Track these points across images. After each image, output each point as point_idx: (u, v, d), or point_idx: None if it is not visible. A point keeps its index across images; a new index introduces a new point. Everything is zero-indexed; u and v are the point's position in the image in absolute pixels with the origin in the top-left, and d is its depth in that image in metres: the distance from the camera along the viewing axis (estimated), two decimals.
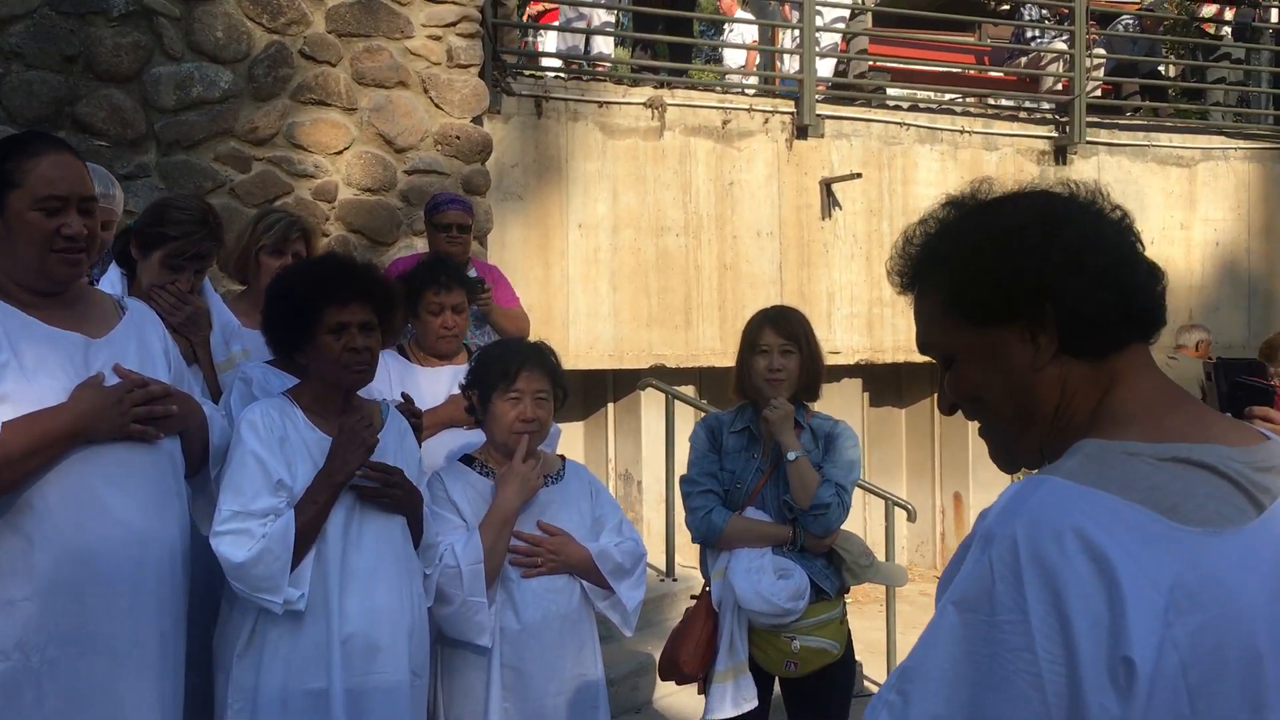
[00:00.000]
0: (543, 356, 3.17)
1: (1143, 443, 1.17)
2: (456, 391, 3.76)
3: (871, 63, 8.99)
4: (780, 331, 3.46)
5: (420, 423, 3.48)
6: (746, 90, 8.34)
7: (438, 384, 3.80)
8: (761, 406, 3.46)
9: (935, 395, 9.89)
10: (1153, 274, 1.28)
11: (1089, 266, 1.23)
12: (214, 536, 2.65)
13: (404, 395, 3.43)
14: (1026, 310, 1.24)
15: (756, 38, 9.43)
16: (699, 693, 3.54)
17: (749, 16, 9.62)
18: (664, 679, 3.70)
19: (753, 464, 3.48)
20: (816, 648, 3.40)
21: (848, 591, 3.58)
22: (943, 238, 1.32)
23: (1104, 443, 1.18)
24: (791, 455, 3.38)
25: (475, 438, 3.45)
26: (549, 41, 9.27)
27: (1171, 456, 1.15)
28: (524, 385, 3.09)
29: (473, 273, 4.68)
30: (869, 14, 8.95)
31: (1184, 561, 1.10)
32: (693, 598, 3.62)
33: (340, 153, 5.76)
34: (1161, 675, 1.07)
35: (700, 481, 3.48)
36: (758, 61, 9.48)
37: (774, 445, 3.45)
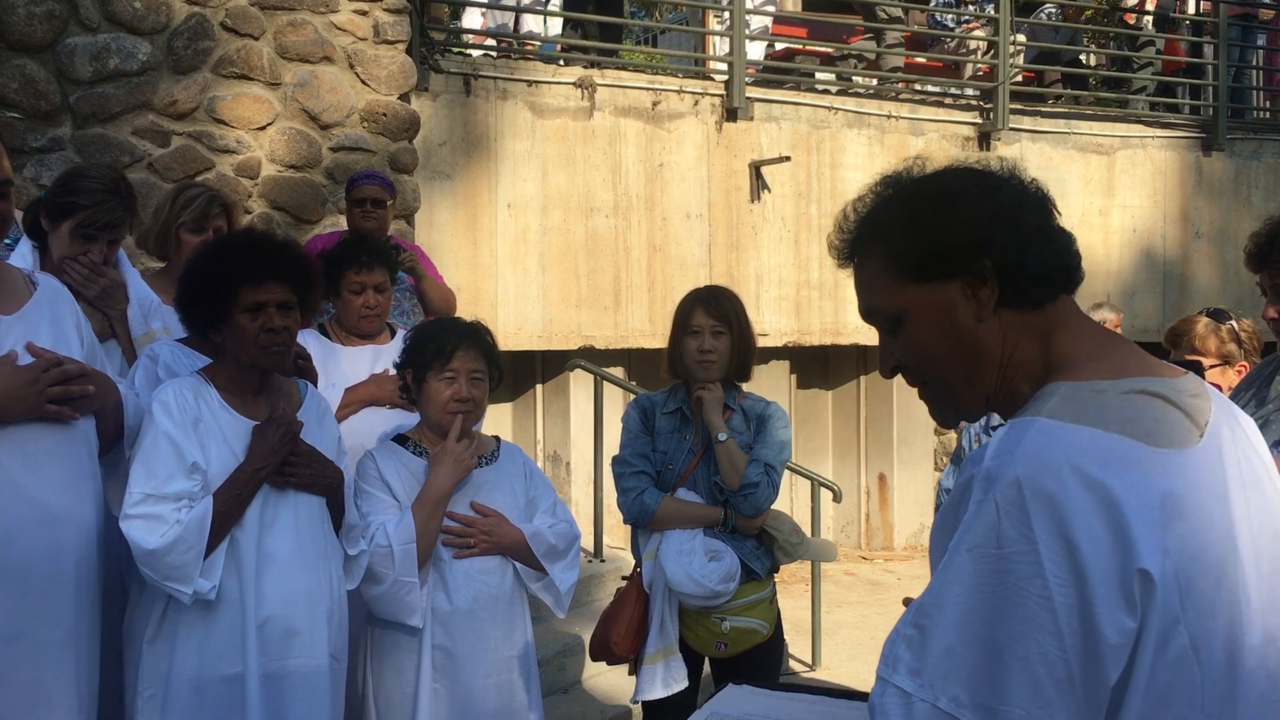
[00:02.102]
0: (478, 336, 3.15)
1: (1104, 380, 1.28)
2: (378, 370, 3.72)
3: (802, 46, 9.02)
4: (711, 312, 3.46)
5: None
6: (678, 72, 8.31)
7: (359, 363, 3.76)
8: (693, 388, 3.47)
9: (861, 378, 9.93)
10: (1068, 235, 1.39)
11: (1023, 223, 1.34)
12: (124, 520, 2.57)
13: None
14: (967, 265, 1.33)
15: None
16: (629, 674, 3.55)
17: None
18: (595, 660, 3.70)
19: (684, 445, 3.49)
20: (746, 628, 3.42)
21: (777, 571, 3.62)
22: (883, 205, 1.41)
23: (1072, 384, 1.28)
24: (720, 437, 3.39)
25: (403, 417, 3.41)
26: (473, 17, 9.14)
27: (1130, 389, 1.27)
28: (459, 365, 3.06)
29: None
30: None
31: (1165, 479, 1.21)
32: (624, 579, 3.62)
33: (263, 128, 5.64)
34: (1163, 581, 1.17)
35: (633, 462, 3.48)
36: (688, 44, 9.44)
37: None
